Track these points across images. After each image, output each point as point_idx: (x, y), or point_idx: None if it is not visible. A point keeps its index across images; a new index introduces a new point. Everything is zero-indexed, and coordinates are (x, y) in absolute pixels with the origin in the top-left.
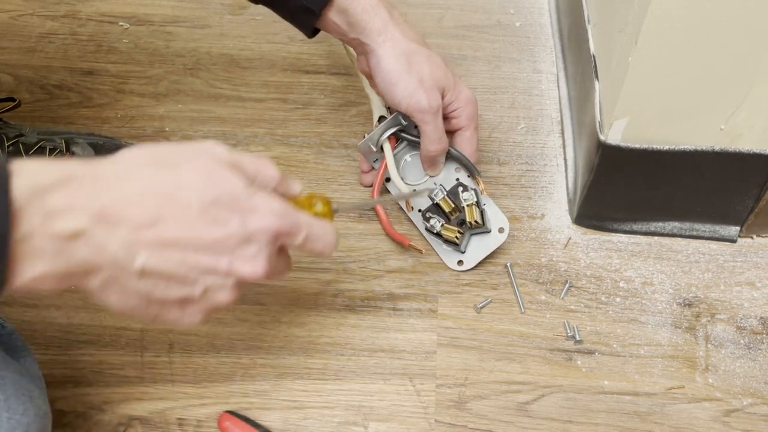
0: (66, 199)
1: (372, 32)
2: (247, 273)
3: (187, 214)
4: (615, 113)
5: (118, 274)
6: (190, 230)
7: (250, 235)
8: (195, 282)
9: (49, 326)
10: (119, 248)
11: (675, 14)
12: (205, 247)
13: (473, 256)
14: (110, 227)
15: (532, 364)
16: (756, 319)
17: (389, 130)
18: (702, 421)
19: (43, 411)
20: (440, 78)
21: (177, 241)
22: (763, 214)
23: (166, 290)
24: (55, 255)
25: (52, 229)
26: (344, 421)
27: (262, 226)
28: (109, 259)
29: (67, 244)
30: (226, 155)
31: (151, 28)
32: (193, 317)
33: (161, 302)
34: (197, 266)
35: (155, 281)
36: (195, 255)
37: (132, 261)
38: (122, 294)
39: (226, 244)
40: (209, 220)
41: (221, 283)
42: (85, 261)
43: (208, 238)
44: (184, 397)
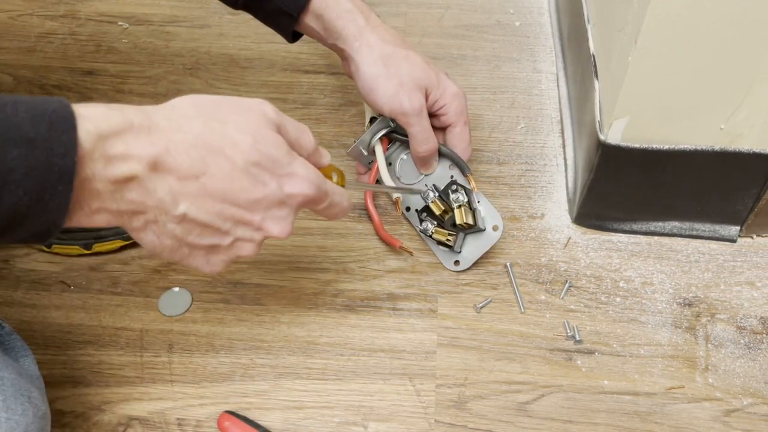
0: (124, 147)
1: (348, 38)
2: (275, 232)
3: (230, 171)
4: (615, 113)
5: (160, 217)
6: (231, 186)
7: (285, 198)
8: (227, 232)
9: (48, 326)
10: (165, 194)
11: (674, 13)
12: (242, 204)
13: (469, 255)
14: (160, 175)
15: (531, 364)
16: (756, 319)
17: (379, 132)
18: (702, 421)
19: (42, 411)
20: (421, 78)
21: (218, 194)
22: (763, 214)
23: (200, 237)
24: (110, 196)
25: (110, 174)
26: (344, 421)
27: (296, 192)
28: (155, 202)
29: (121, 187)
30: (274, 116)
31: (151, 28)
32: (216, 266)
33: (192, 246)
34: (232, 219)
35: (192, 227)
36: (232, 209)
37: (175, 207)
38: (159, 235)
39: (261, 204)
40: (250, 179)
41: (249, 236)
42: (134, 202)
43: (247, 196)
44: (184, 397)
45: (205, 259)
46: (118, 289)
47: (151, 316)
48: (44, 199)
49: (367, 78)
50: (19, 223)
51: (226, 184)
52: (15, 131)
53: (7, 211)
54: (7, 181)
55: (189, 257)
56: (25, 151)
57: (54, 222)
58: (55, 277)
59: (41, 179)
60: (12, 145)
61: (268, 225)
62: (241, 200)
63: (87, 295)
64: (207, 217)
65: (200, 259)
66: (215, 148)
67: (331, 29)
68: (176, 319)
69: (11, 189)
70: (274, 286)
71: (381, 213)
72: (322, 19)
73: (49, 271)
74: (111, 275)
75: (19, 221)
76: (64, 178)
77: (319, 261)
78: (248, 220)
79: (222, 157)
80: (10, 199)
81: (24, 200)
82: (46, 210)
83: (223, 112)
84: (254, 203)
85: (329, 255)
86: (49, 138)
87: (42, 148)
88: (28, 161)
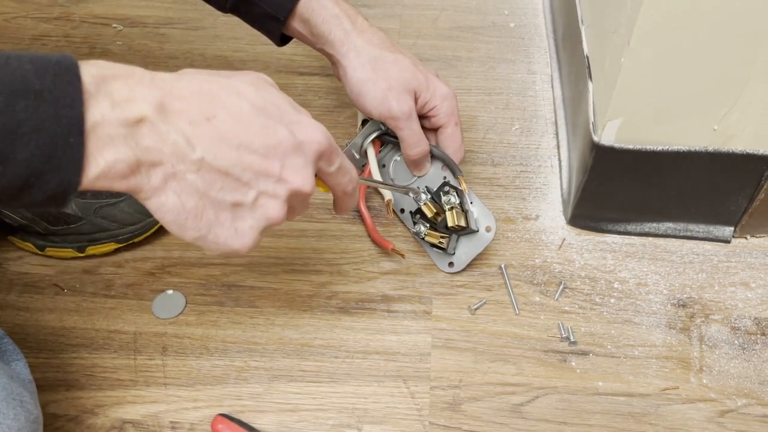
0: (129, 89)
1: (335, 43)
2: (298, 183)
3: (240, 114)
4: (608, 114)
5: (179, 166)
6: (245, 130)
7: (299, 144)
8: (249, 184)
9: (41, 329)
10: (179, 137)
11: (667, 15)
12: (258, 149)
13: (463, 257)
14: (170, 117)
15: (526, 366)
16: (750, 320)
17: (371, 135)
18: (696, 421)
19: (34, 416)
20: (409, 80)
21: (232, 139)
22: (756, 215)
23: (222, 191)
24: (124, 140)
25: (119, 115)
26: (338, 424)
27: (309, 138)
28: (171, 148)
29: (133, 130)
30: (273, 82)
31: (145, 30)
32: (245, 236)
33: (216, 205)
34: (251, 166)
35: (212, 177)
36: (249, 156)
37: (192, 151)
38: (181, 193)
39: (277, 150)
40: (261, 124)
41: (273, 190)
42: (150, 149)
43: (260, 142)
44: (177, 400)
45: (233, 227)
46: (112, 292)
47: (144, 319)
48: (57, 154)
49: (355, 83)
50: (35, 183)
51: (239, 128)
52: (20, 83)
53: (23, 167)
54: (18, 134)
55: (215, 225)
56: (32, 102)
57: (70, 181)
58: (49, 280)
59: (51, 132)
60: (19, 97)
61: (288, 175)
62: (256, 145)
63: (80, 298)
64: (226, 164)
65: (227, 228)
66: (221, 95)
67: (318, 34)
68: (170, 322)
69: (23, 142)
70: (268, 289)
71: (374, 215)
72: (308, 23)
73: (43, 274)
74: (104, 278)
75: (35, 179)
76: (74, 129)
77: (313, 263)
78: (267, 169)
79: (229, 102)
80: (23, 154)
81: (37, 155)
82: (61, 166)
83: (223, 74)
84: (269, 149)
85: (323, 257)
86: (54, 89)
87: (49, 99)
88: (36, 113)
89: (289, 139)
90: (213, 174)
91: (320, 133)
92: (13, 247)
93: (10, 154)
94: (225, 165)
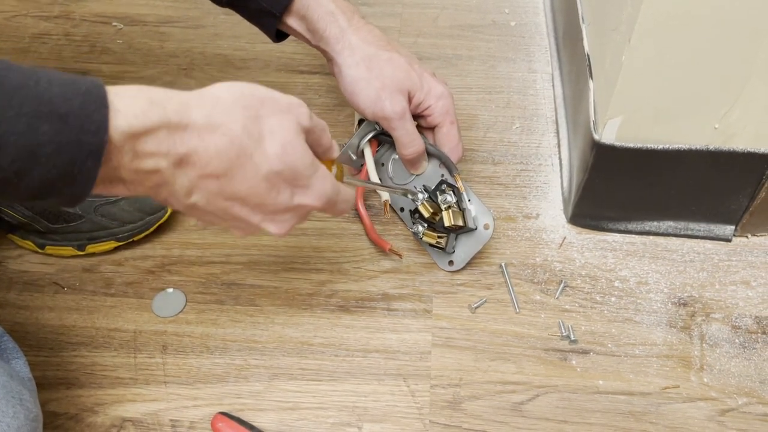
0: (156, 146)
1: (330, 41)
2: (272, 232)
3: (252, 178)
4: (609, 112)
5: (173, 199)
6: (246, 189)
7: (293, 207)
8: (226, 222)
9: (41, 328)
10: (182, 187)
11: (668, 13)
12: (249, 204)
13: (463, 255)
14: (184, 171)
15: (526, 364)
16: (751, 318)
17: (367, 135)
18: (697, 420)
19: (34, 414)
20: (403, 80)
21: (230, 195)
22: (757, 213)
23: (203, 218)
24: (132, 182)
25: (136, 166)
26: (338, 422)
27: (306, 203)
28: (171, 190)
29: (144, 177)
30: (306, 122)
31: (145, 29)
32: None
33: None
34: (233, 217)
35: (196, 213)
36: (237, 208)
37: (187, 198)
38: (171, 202)
39: (267, 209)
40: (267, 187)
41: (246, 228)
42: (152, 188)
43: (256, 200)
44: (177, 398)
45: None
46: (112, 291)
47: (144, 317)
48: (73, 173)
49: (348, 81)
50: (47, 194)
51: (243, 188)
52: (47, 106)
53: (37, 183)
54: (37, 154)
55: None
56: (57, 126)
57: (80, 194)
58: (49, 279)
59: (70, 155)
60: (44, 121)
61: (266, 225)
62: (249, 202)
63: (80, 296)
64: (212, 209)
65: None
66: (245, 154)
67: (313, 31)
68: (170, 320)
69: (41, 163)
70: (269, 287)
71: (372, 215)
72: (304, 20)
73: (43, 272)
74: (104, 276)
75: (47, 192)
76: (93, 154)
77: (313, 261)
78: (247, 219)
79: (249, 163)
80: (39, 173)
81: (53, 173)
82: (74, 183)
83: (264, 113)
84: (261, 207)
85: (324, 255)
86: (80, 115)
87: (73, 125)
88: (58, 137)
89: (285, 203)
90: (198, 211)
91: (320, 197)
92: (13, 245)
93: (27, 173)
94: (212, 210)
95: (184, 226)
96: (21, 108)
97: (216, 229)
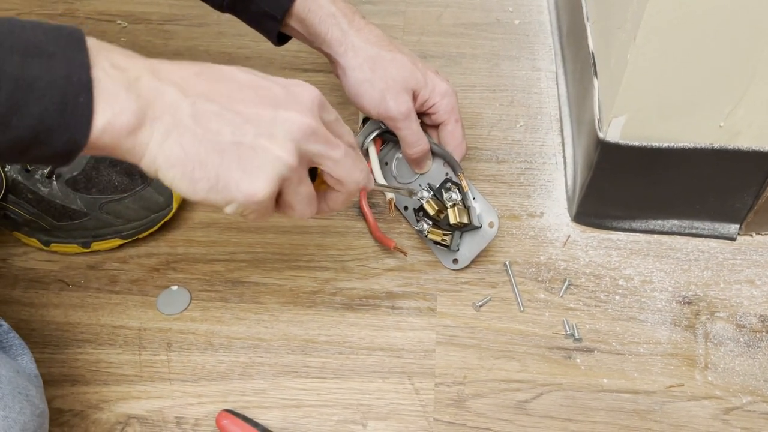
0: (125, 59)
1: (332, 43)
2: (294, 119)
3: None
4: (613, 110)
5: (177, 115)
6: (233, 82)
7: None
8: (245, 122)
9: (46, 325)
10: (172, 88)
11: (673, 11)
12: (247, 95)
13: (467, 253)
14: (161, 76)
15: (531, 363)
16: (755, 317)
17: (371, 134)
18: (701, 419)
19: (40, 410)
20: (407, 79)
21: (222, 86)
22: (762, 212)
23: (219, 132)
24: (126, 92)
25: (120, 73)
26: (343, 420)
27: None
28: (168, 98)
29: (132, 84)
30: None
31: (149, 27)
32: (256, 177)
33: (218, 147)
34: (243, 109)
35: (207, 120)
36: (239, 100)
37: (184, 98)
38: (182, 142)
39: (268, 97)
40: (251, 82)
41: (269, 130)
42: (150, 101)
43: (251, 92)
44: (182, 395)
45: (241, 168)
46: (117, 288)
47: (149, 315)
48: (67, 111)
49: (353, 83)
50: (44, 139)
51: (229, 82)
52: (35, 47)
53: (35, 121)
54: (32, 88)
55: (222, 169)
56: (45, 62)
57: (78, 140)
58: (54, 276)
59: (63, 89)
60: (34, 57)
61: (282, 113)
62: (247, 92)
63: (85, 293)
64: (217, 106)
65: (235, 170)
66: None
67: (315, 34)
68: (175, 318)
69: (37, 97)
70: (273, 285)
71: (376, 213)
72: (305, 23)
73: (48, 269)
74: (109, 274)
75: (45, 136)
76: (84, 88)
77: (317, 259)
78: (259, 111)
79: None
80: (37, 109)
81: (50, 110)
82: (70, 124)
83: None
84: (262, 96)
85: (328, 253)
86: (66, 53)
87: (61, 61)
88: (49, 72)
89: (282, 91)
90: (207, 116)
91: (315, 89)
92: (18, 242)
93: (23, 107)
94: (217, 107)
95: (189, 224)
96: (12, 47)
97: (221, 227)
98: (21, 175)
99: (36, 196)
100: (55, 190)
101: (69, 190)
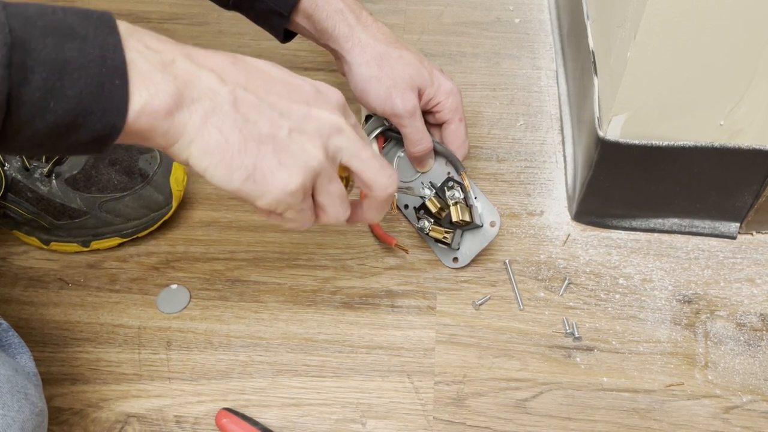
0: (158, 42)
1: (339, 39)
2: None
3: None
4: (614, 109)
5: (216, 100)
6: (266, 75)
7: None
8: (281, 116)
9: (46, 324)
10: (209, 74)
11: (674, 9)
12: (281, 90)
13: (468, 252)
14: (197, 61)
15: (530, 361)
16: (756, 316)
17: (374, 131)
18: (701, 418)
19: (39, 408)
20: (413, 77)
21: (257, 77)
22: (762, 211)
23: (258, 122)
24: (161, 74)
25: (154, 55)
26: (342, 418)
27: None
28: (205, 82)
29: (167, 66)
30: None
31: (149, 26)
32: (291, 168)
33: (256, 136)
34: (278, 101)
35: (247, 108)
36: (274, 93)
37: (223, 85)
38: (222, 127)
39: (299, 93)
40: (281, 77)
41: (302, 126)
42: (187, 83)
43: (283, 87)
44: (182, 394)
45: (276, 158)
46: (116, 287)
47: (149, 314)
48: (104, 94)
49: (359, 79)
50: (82, 122)
51: (263, 74)
52: (68, 29)
53: (73, 103)
54: (67, 70)
55: (259, 158)
56: (79, 44)
57: (115, 123)
58: (53, 275)
59: (98, 71)
60: (67, 39)
61: (314, 111)
62: (279, 87)
63: (85, 292)
64: (255, 97)
65: (271, 160)
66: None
67: (322, 30)
68: (174, 317)
69: (73, 79)
70: (273, 284)
71: None
72: (312, 19)
73: (47, 268)
74: (109, 272)
75: (83, 119)
76: (118, 71)
77: (317, 258)
78: (292, 107)
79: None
80: (73, 91)
81: (86, 92)
82: (107, 107)
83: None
84: (293, 92)
85: (328, 252)
86: (98, 36)
87: (94, 44)
88: (83, 54)
89: (312, 89)
90: (246, 105)
91: (339, 92)
92: (18, 241)
93: (60, 89)
94: (255, 98)
95: (188, 222)
96: (45, 29)
97: (221, 226)
98: (20, 174)
99: (36, 195)
100: (55, 189)
101: (68, 188)
